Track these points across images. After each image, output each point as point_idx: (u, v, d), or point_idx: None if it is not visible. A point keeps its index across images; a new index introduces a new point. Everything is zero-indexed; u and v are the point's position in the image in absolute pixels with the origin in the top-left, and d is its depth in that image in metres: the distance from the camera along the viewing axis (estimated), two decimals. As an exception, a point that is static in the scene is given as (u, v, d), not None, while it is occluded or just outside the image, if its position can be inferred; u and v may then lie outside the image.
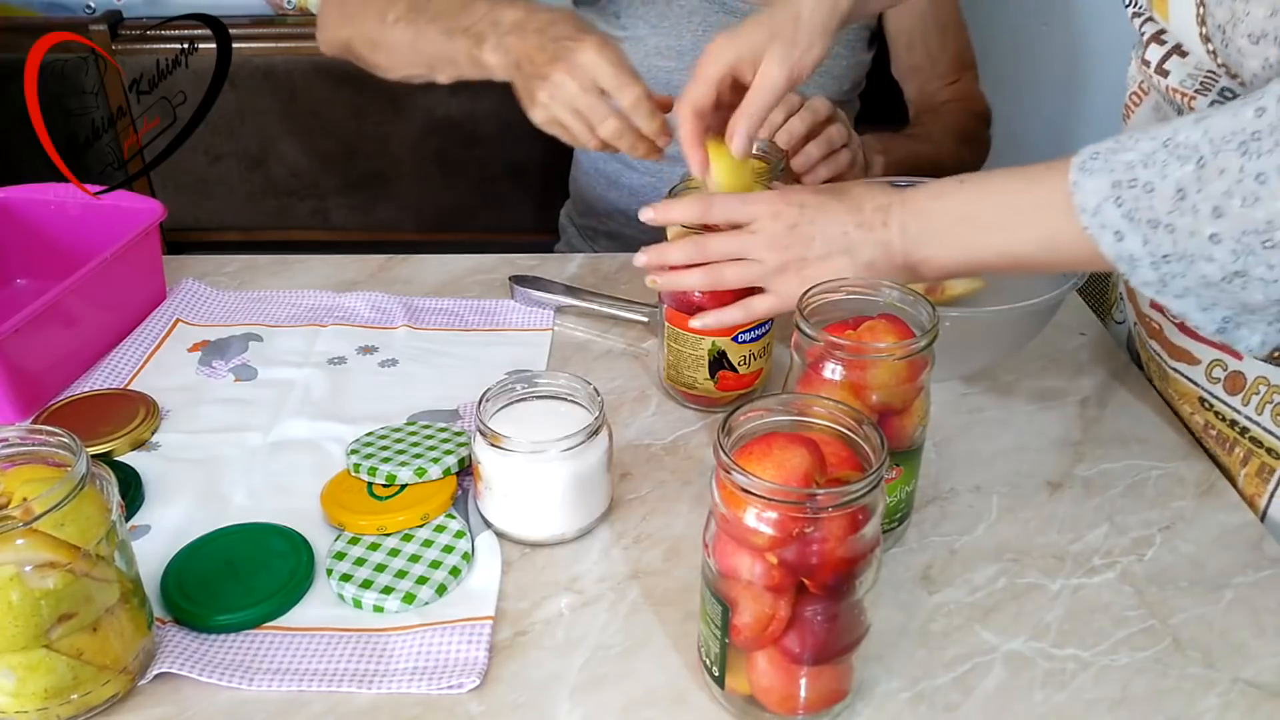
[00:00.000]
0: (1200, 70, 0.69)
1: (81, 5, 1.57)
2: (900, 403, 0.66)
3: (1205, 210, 0.57)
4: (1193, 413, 0.81)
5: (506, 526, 0.73)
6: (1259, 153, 0.55)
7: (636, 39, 1.21)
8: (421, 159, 1.56)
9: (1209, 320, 0.62)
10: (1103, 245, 0.61)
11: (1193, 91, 0.70)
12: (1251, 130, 0.56)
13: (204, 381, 0.90)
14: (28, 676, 0.56)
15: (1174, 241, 0.59)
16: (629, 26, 1.21)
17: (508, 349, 0.94)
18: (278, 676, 0.62)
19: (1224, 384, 0.78)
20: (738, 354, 0.82)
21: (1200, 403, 0.80)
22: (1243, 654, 0.64)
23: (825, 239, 0.73)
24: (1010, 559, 0.72)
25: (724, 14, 1.20)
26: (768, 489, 0.52)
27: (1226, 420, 0.78)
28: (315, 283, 1.05)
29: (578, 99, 0.85)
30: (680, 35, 1.20)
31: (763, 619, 0.55)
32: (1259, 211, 0.56)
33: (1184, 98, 0.70)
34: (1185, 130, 0.59)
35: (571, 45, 0.84)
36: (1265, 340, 0.62)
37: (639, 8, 1.20)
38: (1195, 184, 0.57)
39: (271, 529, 0.72)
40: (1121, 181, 0.60)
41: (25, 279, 1.03)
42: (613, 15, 1.22)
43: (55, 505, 0.55)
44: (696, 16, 1.20)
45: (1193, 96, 0.70)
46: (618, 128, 0.85)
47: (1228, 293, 0.60)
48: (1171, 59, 0.72)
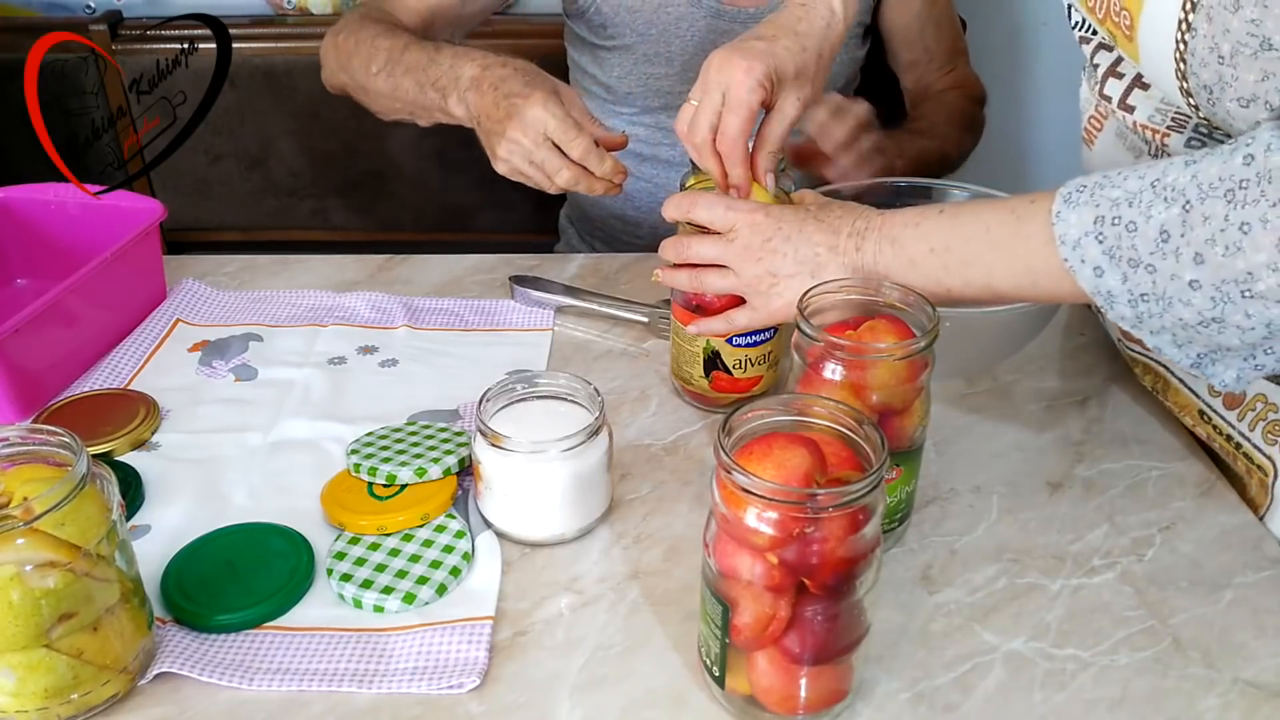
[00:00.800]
0: (1170, 105, 0.68)
1: (81, 5, 1.57)
2: (900, 403, 0.66)
3: (1187, 255, 0.57)
4: (1194, 425, 0.81)
5: (506, 526, 0.73)
6: (1244, 202, 0.55)
7: (625, 47, 1.21)
8: (421, 159, 1.56)
9: (1183, 356, 0.62)
10: (1081, 279, 0.61)
11: (1164, 129, 0.69)
12: (1239, 178, 0.55)
13: (204, 381, 0.90)
14: (28, 676, 0.56)
15: (1153, 283, 0.59)
16: (617, 35, 1.21)
17: (508, 349, 0.94)
18: (278, 676, 0.62)
19: (1224, 398, 0.77)
20: (732, 357, 0.82)
21: (1200, 415, 0.80)
22: (1243, 654, 0.64)
23: (796, 258, 0.72)
24: (1010, 559, 0.72)
25: (713, 18, 1.20)
26: (768, 489, 0.52)
27: (1223, 434, 0.78)
28: (315, 283, 1.05)
29: (532, 153, 0.89)
30: (669, 42, 1.20)
31: (763, 619, 0.55)
32: (1240, 261, 0.55)
33: (1155, 134, 0.69)
34: (1174, 172, 0.58)
35: (520, 103, 0.89)
36: (1240, 376, 0.61)
37: (625, 16, 1.20)
38: (1179, 228, 0.57)
39: (271, 529, 0.72)
40: (1105, 217, 0.60)
41: (25, 279, 1.03)
42: (600, 26, 1.22)
43: (55, 505, 0.55)
44: (684, 23, 1.20)
45: (1165, 134, 0.69)
46: (572, 176, 0.89)
47: (1203, 335, 0.59)
48: (1134, 93, 0.71)
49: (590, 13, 1.22)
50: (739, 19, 1.20)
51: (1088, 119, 0.81)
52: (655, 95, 1.23)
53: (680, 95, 1.22)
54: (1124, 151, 0.76)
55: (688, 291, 0.80)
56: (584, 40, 1.26)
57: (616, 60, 1.22)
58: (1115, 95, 0.72)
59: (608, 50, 1.23)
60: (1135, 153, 0.75)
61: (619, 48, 1.22)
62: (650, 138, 1.27)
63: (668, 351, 0.88)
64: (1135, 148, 0.75)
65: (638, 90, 1.23)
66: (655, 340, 0.96)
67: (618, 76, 1.23)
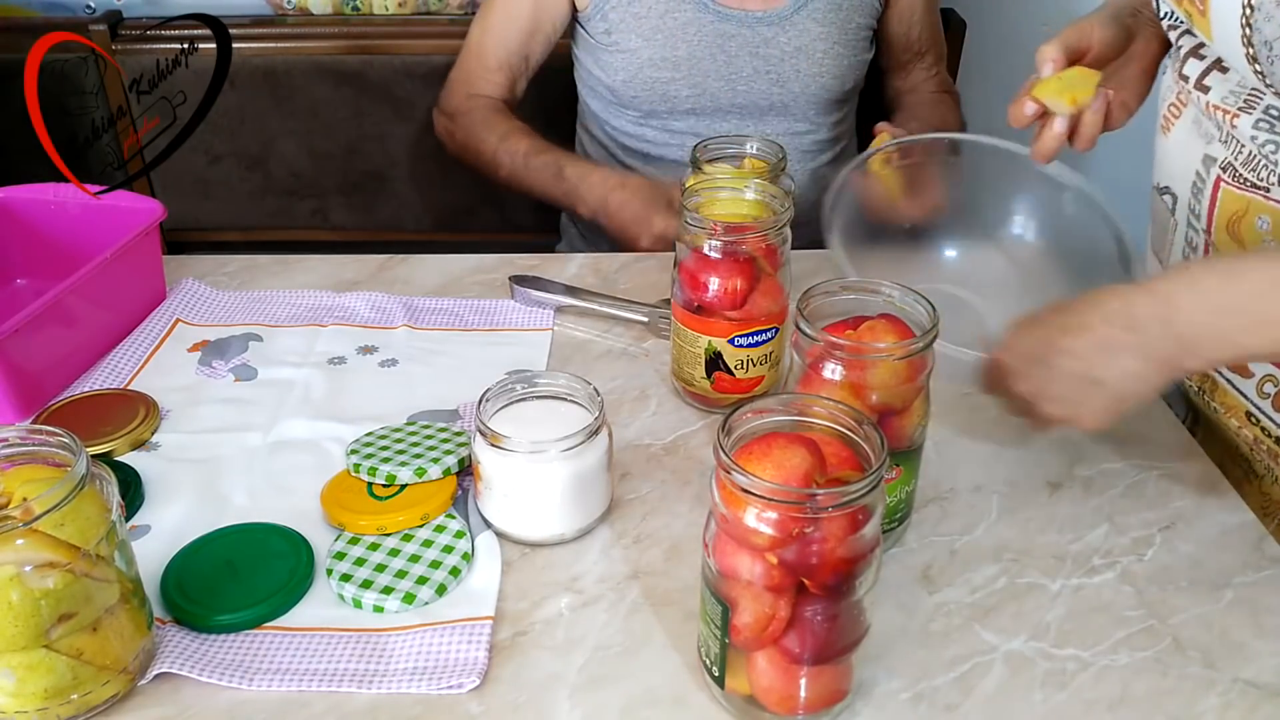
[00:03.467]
0: (1244, 88, 0.68)
1: (81, 5, 1.57)
2: (900, 403, 0.66)
3: None
4: (1240, 427, 0.80)
5: (506, 526, 0.73)
6: None
7: (629, 51, 1.22)
8: (421, 159, 1.56)
9: None
10: None
11: (1235, 109, 0.69)
12: None
13: (204, 381, 0.90)
14: (28, 676, 0.56)
15: None
16: (621, 41, 1.22)
17: (508, 349, 0.94)
18: (278, 676, 0.62)
19: (1273, 400, 0.77)
20: (734, 357, 0.82)
21: (1247, 417, 0.79)
22: (1243, 654, 0.64)
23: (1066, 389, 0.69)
24: (1010, 559, 0.72)
25: (720, 21, 1.20)
26: (768, 489, 0.52)
27: (1273, 437, 0.78)
28: (315, 283, 1.05)
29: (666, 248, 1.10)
30: (675, 46, 1.21)
31: (763, 619, 0.55)
32: None
33: (1226, 115, 0.69)
34: None
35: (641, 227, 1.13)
36: None
37: (631, 22, 1.20)
38: None
39: (271, 529, 0.72)
40: None
41: (25, 279, 1.03)
42: (605, 31, 1.23)
43: (55, 505, 0.55)
44: (692, 28, 1.20)
45: (1235, 114, 0.69)
46: None
47: None
48: (1212, 74, 0.71)
49: (596, 18, 1.22)
50: (746, 22, 1.20)
51: (1167, 106, 0.81)
52: (660, 99, 1.24)
53: (686, 100, 1.23)
54: (1197, 139, 0.75)
55: (698, 290, 0.80)
56: (589, 43, 1.26)
57: (621, 64, 1.23)
58: (1193, 75, 0.72)
59: (612, 54, 1.23)
60: (1207, 139, 0.74)
61: (623, 51, 1.22)
62: (657, 138, 1.28)
63: (668, 351, 0.88)
64: (1208, 134, 0.74)
65: (643, 94, 1.23)
66: (655, 340, 0.96)
67: (622, 80, 1.23)
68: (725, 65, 1.22)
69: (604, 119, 1.31)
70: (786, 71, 1.23)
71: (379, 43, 1.53)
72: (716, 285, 0.80)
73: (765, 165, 0.94)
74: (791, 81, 1.23)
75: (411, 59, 1.51)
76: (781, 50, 1.22)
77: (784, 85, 1.23)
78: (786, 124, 1.26)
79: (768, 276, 0.81)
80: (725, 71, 1.22)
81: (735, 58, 1.22)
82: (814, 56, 1.22)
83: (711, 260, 0.80)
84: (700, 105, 1.24)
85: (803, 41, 1.22)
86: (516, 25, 1.28)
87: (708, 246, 0.79)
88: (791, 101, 1.25)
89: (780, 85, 1.23)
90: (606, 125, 1.31)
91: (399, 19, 1.61)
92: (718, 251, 0.79)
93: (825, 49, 1.22)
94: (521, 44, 1.29)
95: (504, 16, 1.29)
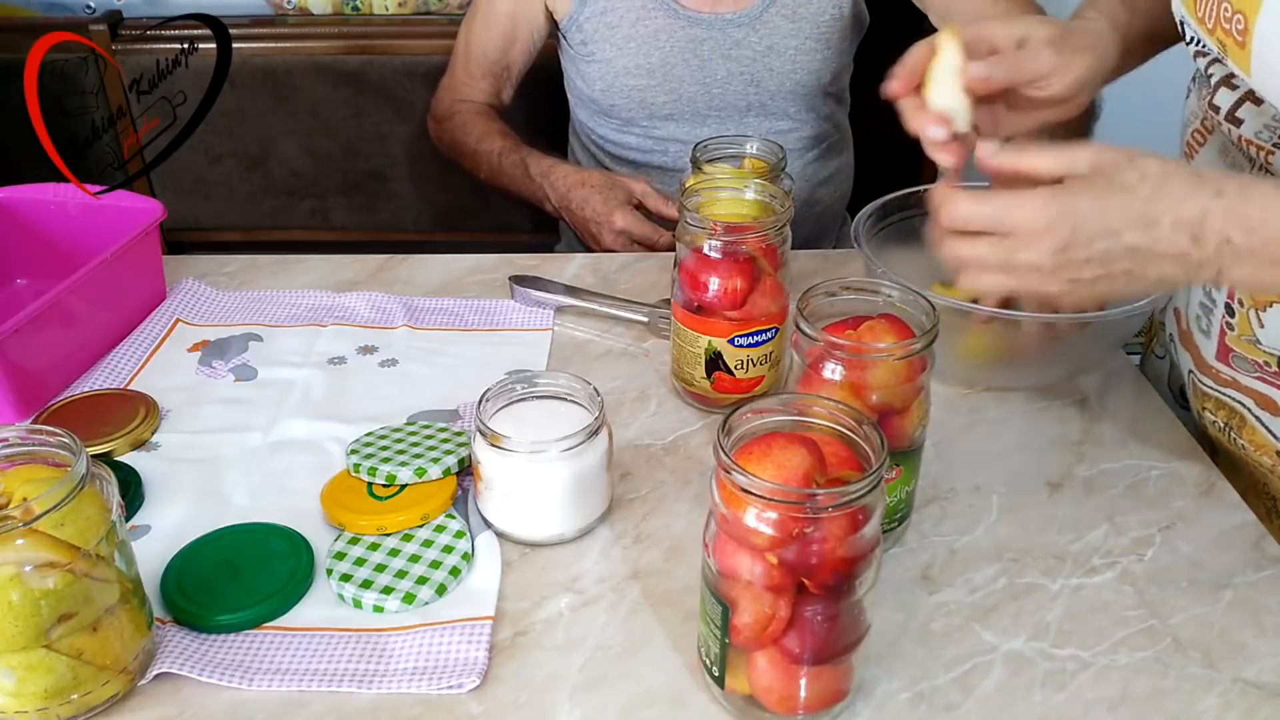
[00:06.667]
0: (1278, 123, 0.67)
1: (81, 5, 1.57)
2: (900, 403, 0.66)
3: None
4: (1274, 465, 0.78)
5: (506, 526, 0.73)
6: None
7: (605, 61, 1.22)
8: (421, 159, 1.56)
9: None
10: None
11: (1270, 145, 0.67)
12: None
13: (204, 381, 0.90)
14: (28, 676, 0.56)
15: None
16: (597, 51, 1.22)
17: (508, 349, 0.94)
18: (278, 676, 0.62)
19: None
20: (734, 357, 0.82)
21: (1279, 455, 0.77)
22: (1243, 654, 0.64)
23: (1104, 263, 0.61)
24: (1010, 559, 0.72)
25: (691, 26, 1.20)
26: (768, 489, 0.52)
27: None
28: (315, 283, 1.05)
29: (627, 246, 1.16)
30: (649, 54, 1.21)
31: (763, 619, 0.55)
32: None
33: (1261, 151, 0.68)
34: None
35: (601, 224, 1.16)
36: None
37: (604, 32, 1.21)
38: None
39: (271, 529, 0.72)
40: None
41: (25, 279, 1.03)
42: (581, 43, 1.23)
43: (55, 505, 0.55)
44: (664, 35, 1.20)
45: (1271, 151, 0.67)
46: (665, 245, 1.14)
47: None
48: (1244, 106, 0.69)
49: (573, 29, 1.23)
50: (716, 25, 1.20)
51: (1190, 132, 0.79)
52: (639, 107, 1.24)
53: (664, 106, 1.23)
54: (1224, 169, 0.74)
55: (699, 291, 0.80)
56: (570, 54, 1.27)
57: (598, 74, 1.23)
58: (1225, 106, 0.70)
59: (589, 64, 1.24)
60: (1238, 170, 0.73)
61: (599, 61, 1.22)
62: (640, 145, 1.28)
63: (668, 351, 0.88)
64: (1238, 165, 0.73)
65: (621, 102, 1.24)
66: (655, 340, 0.96)
67: (601, 90, 1.24)
68: (699, 69, 1.22)
69: (590, 127, 1.32)
70: (760, 71, 1.22)
71: (379, 43, 1.53)
72: (716, 285, 0.80)
73: (765, 165, 0.94)
74: (766, 80, 1.23)
75: (411, 59, 1.52)
76: (753, 50, 1.22)
77: (759, 85, 1.23)
78: (768, 123, 1.26)
79: (768, 276, 0.81)
80: (700, 75, 1.22)
81: (708, 61, 1.22)
82: (785, 54, 1.22)
83: (711, 260, 0.80)
84: (679, 110, 1.25)
85: (773, 40, 1.21)
86: (496, 34, 1.30)
87: (708, 246, 0.79)
88: (769, 100, 1.25)
89: (755, 85, 1.23)
90: (593, 134, 1.32)
91: (399, 19, 1.61)
92: (718, 251, 0.79)
93: (797, 45, 1.22)
94: (501, 52, 1.31)
95: (484, 24, 1.31)
